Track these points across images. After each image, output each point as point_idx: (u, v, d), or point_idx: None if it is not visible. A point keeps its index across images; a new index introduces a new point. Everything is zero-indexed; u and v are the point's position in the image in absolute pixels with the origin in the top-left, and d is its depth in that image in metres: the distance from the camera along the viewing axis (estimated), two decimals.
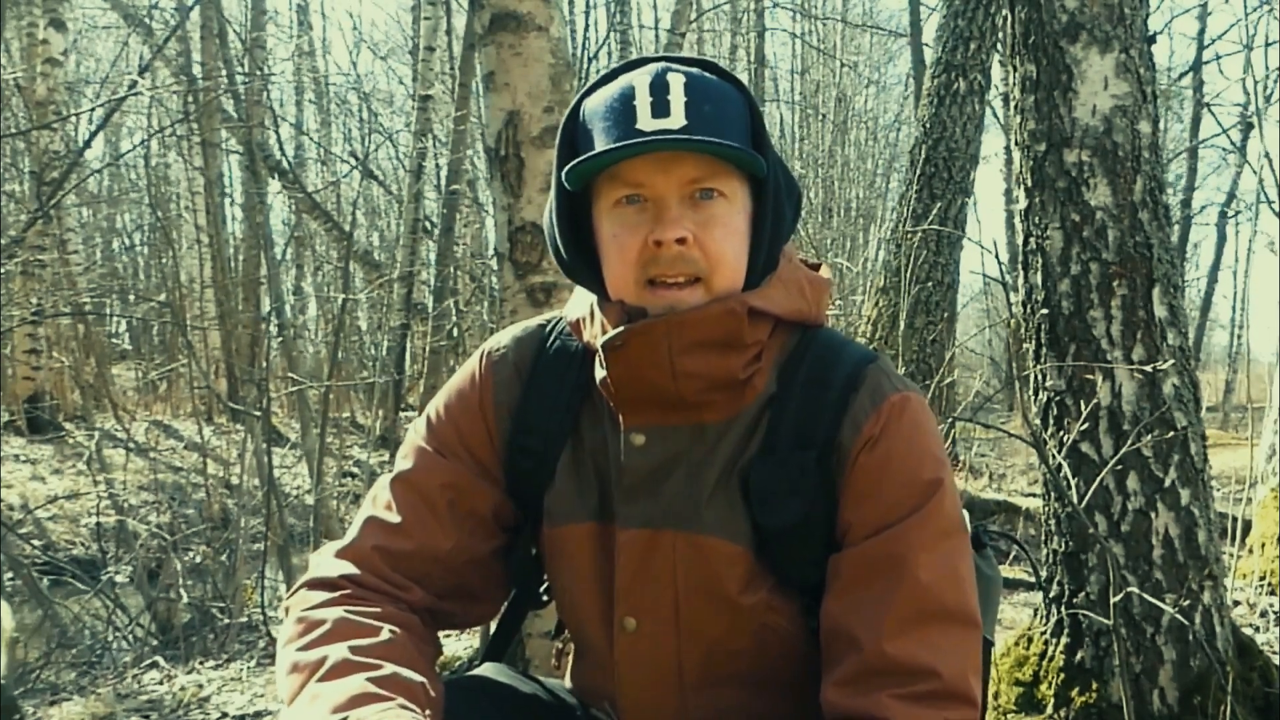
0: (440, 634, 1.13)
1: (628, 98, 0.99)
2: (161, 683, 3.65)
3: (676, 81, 0.98)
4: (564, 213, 1.05)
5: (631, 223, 1.00)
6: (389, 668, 0.93)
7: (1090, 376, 2.38)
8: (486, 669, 1.18)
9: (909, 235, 5.76)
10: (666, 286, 1.00)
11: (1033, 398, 2.54)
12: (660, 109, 0.97)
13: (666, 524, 1.03)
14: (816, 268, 1.12)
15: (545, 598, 1.20)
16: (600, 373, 1.04)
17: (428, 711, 0.91)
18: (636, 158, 0.98)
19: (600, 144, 0.98)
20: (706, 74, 1.02)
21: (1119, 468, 2.33)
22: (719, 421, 1.04)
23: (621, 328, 1.00)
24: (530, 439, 1.10)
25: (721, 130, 0.97)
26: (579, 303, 1.10)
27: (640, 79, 0.99)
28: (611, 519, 1.05)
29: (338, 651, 0.94)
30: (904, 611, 0.96)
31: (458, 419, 1.12)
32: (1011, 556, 4.54)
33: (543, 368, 1.12)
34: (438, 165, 11.01)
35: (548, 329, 1.15)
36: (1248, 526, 4.00)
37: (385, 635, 0.98)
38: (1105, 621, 2.21)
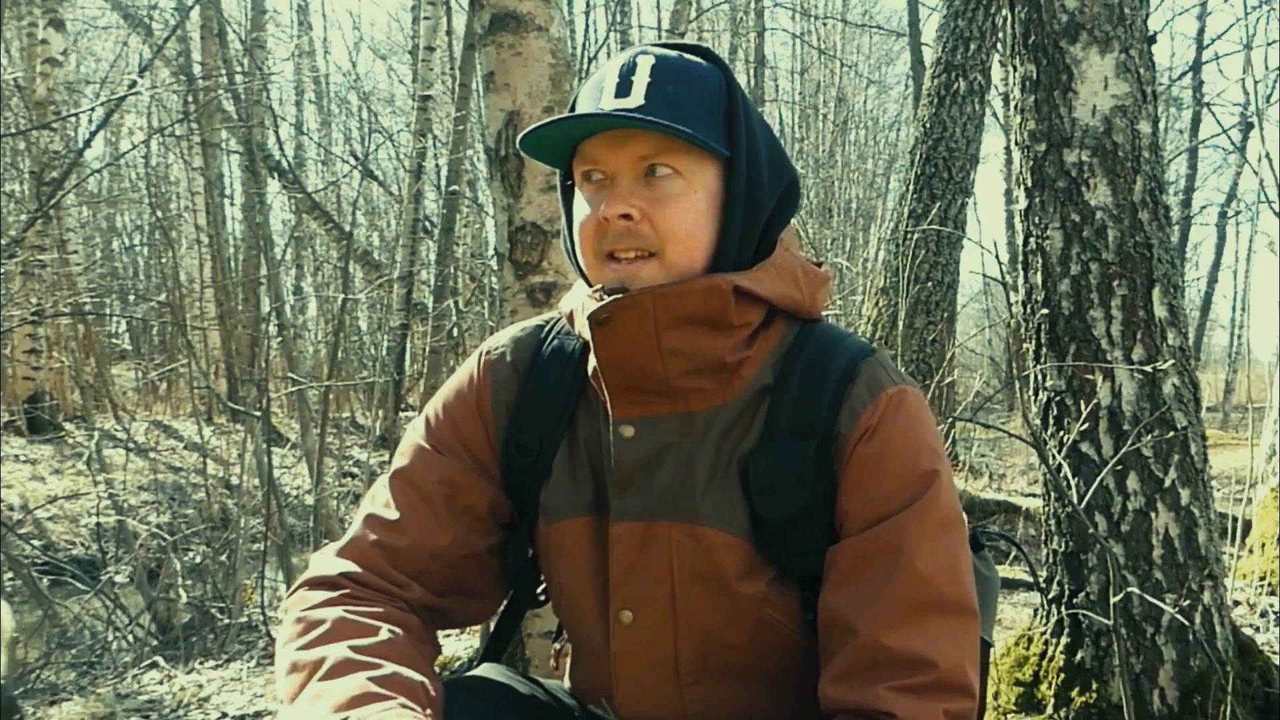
0: (439, 634, 1.13)
1: (600, 80, 1.02)
2: (161, 683, 3.65)
3: (645, 63, 1.01)
4: (567, 199, 1.08)
5: (591, 200, 1.02)
6: (389, 667, 0.93)
7: (1090, 376, 2.38)
8: (485, 669, 1.18)
9: (909, 235, 5.76)
10: (619, 261, 1.01)
11: (1033, 398, 2.54)
12: (623, 90, 0.99)
13: (661, 515, 1.03)
14: (818, 266, 1.12)
15: (543, 597, 1.20)
16: (593, 363, 1.05)
17: (428, 711, 0.92)
18: (595, 136, 1.00)
19: None
20: (687, 56, 1.04)
21: (1119, 468, 2.33)
22: (706, 410, 1.04)
23: (608, 299, 1.00)
24: (528, 436, 1.10)
25: (683, 110, 0.98)
26: (573, 295, 1.11)
27: (614, 63, 1.02)
28: (606, 513, 1.06)
29: (338, 651, 0.94)
30: (901, 603, 0.96)
31: (455, 417, 1.13)
32: (1011, 557, 4.54)
33: (540, 366, 1.13)
34: (438, 165, 11.02)
35: (545, 329, 1.16)
36: (1248, 526, 4.00)
37: (385, 635, 0.98)
38: (1105, 621, 2.21)
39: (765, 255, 1.06)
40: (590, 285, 1.06)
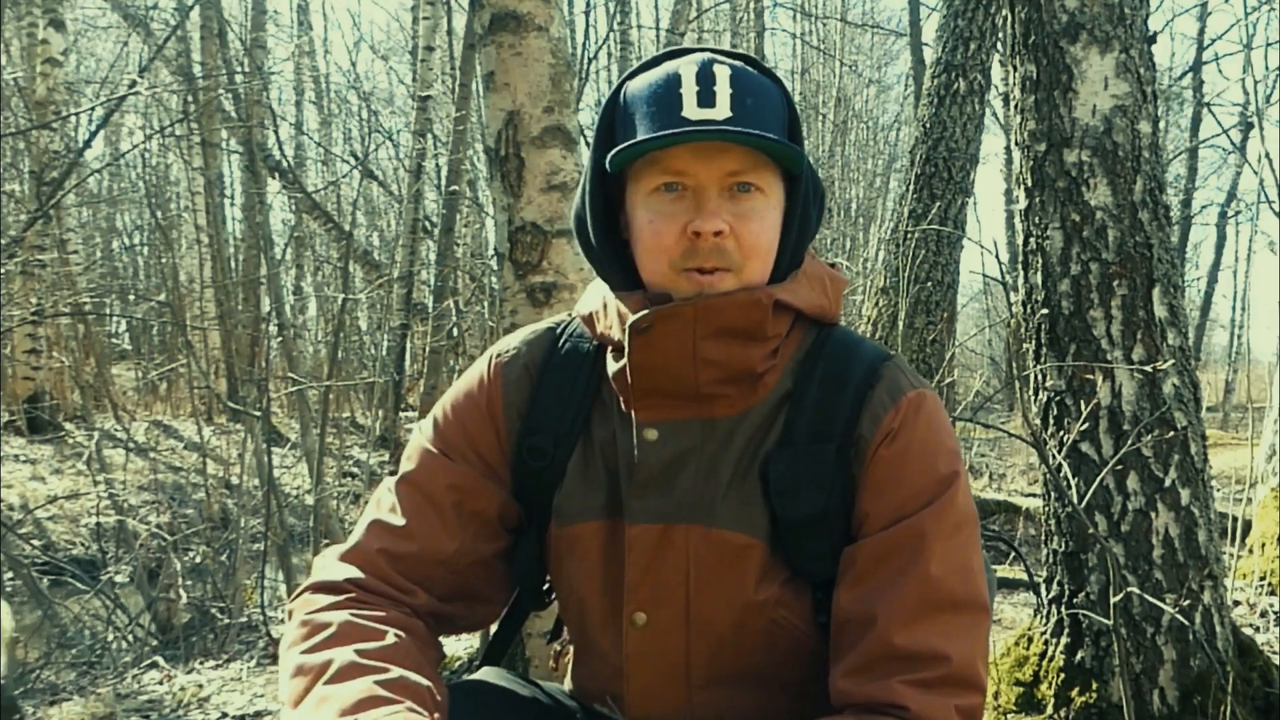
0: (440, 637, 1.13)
1: (673, 85, 1.00)
2: (161, 683, 3.65)
3: (722, 73, 1.00)
4: (598, 197, 1.06)
5: (669, 211, 1.00)
6: (396, 671, 0.93)
7: (1090, 376, 2.38)
8: (486, 673, 1.18)
9: (909, 235, 5.76)
10: (702, 273, 1.01)
11: (1033, 398, 2.54)
12: (706, 99, 0.98)
13: (680, 518, 1.03)
14: (832, 268, 1.13)
15: (547, 599, 1.20)
16: (614, 366, 1.05)
17: (435, 715, 0.91)
18: (678, 146, 0.99)
19: (643, 129, 0.99)
20: (749, 68, 1.04)
21: (1119, 468, 2.33)
22: (730, 416, 1.04)
23: (649, 310, 1.00)
24: (541, 439, 1.10)
25: (763, 124, 0.98)
26: (591, 297, 1.11)
27: (686, 67, 1.00)
28: (620, 515, 1.06)
29: (344, 655, 0.94)
30: (916, 600, 0.97)
31: (465, 421, 1.12)
32: (1011, 558, 4.54)
33: (554, 368, 1.12)
34: (438, 165, 11.01)
35: (557, 331, 1.15)
36: (1248, 526, 4.00)
37: (390, 639, 0.98)
38: (1105, 621, 2.21)
39: (795, 265, 1.07)
40: (617, 287, 1.06)
